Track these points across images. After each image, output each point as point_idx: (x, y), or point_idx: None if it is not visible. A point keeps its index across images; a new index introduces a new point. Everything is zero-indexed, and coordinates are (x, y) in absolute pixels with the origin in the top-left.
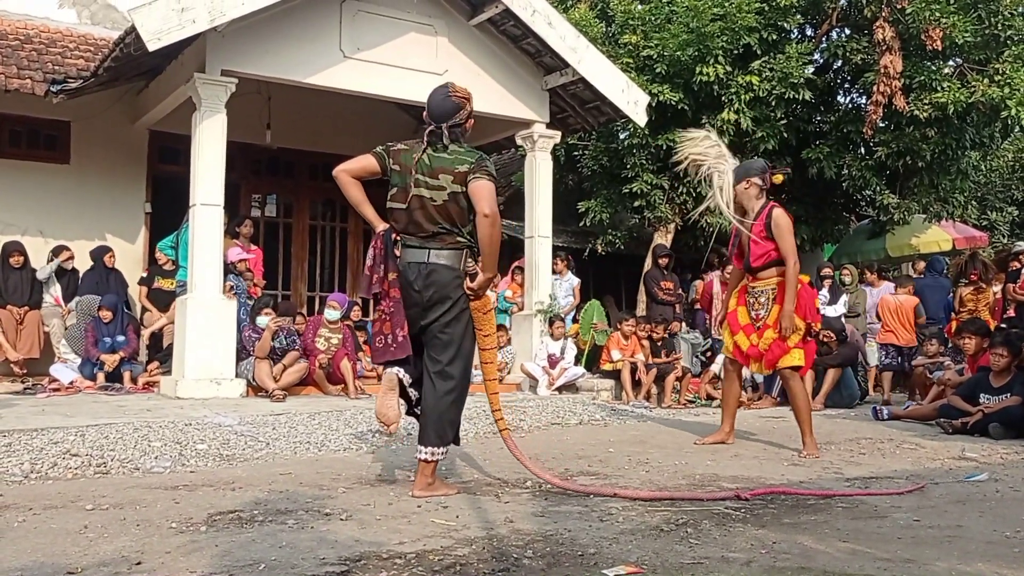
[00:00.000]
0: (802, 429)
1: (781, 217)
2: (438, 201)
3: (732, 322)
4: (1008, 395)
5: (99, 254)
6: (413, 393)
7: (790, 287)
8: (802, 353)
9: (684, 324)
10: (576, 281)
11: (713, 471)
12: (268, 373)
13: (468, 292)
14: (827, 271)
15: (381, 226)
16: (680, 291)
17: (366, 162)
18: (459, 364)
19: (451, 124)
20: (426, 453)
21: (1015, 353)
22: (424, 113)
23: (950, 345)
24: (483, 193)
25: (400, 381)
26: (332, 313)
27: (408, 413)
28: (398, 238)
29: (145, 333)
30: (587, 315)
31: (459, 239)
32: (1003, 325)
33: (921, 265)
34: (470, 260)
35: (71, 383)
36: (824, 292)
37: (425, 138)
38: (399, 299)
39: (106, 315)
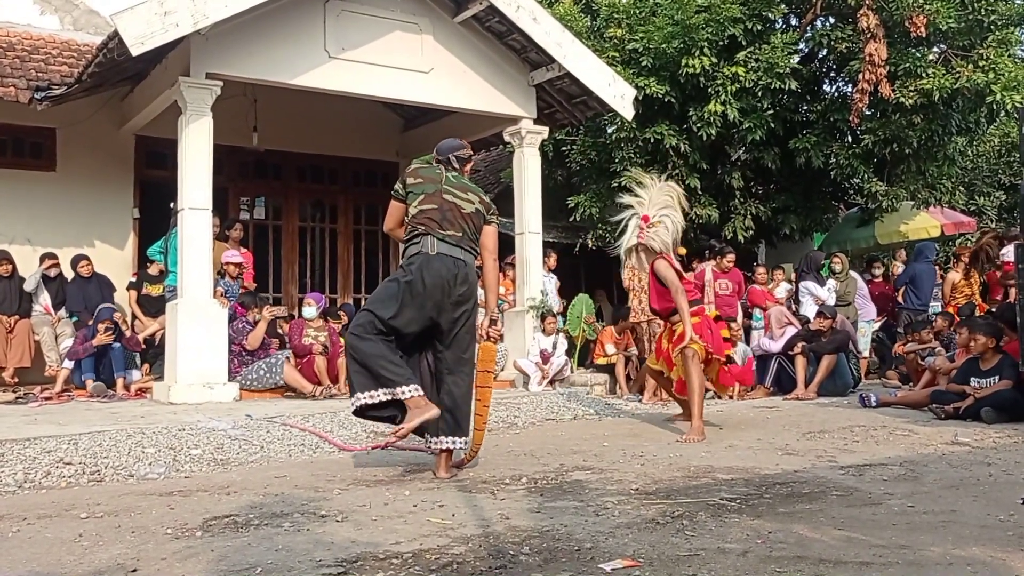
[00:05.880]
0: (692, 412)
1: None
2: (467, 209)
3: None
4: (997, 378)
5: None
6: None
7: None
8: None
9: None
10: (555, 281)
11: (708, 463)
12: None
13: (493, 338)
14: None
15: None
16: None
17: (397, 210)
18: (474, 355)
19: (457, 155)
20: (456, 443)
21: (996, 337)
22: (434, 157)
23: (939, 331)
24: (495, 238)
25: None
26: (309, 311)
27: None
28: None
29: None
30: (575, 309)
31: (475, 247)
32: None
33: (903, 254)
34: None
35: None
36: (831, 282)
37: (438, 163)
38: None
39: (111, 324)
